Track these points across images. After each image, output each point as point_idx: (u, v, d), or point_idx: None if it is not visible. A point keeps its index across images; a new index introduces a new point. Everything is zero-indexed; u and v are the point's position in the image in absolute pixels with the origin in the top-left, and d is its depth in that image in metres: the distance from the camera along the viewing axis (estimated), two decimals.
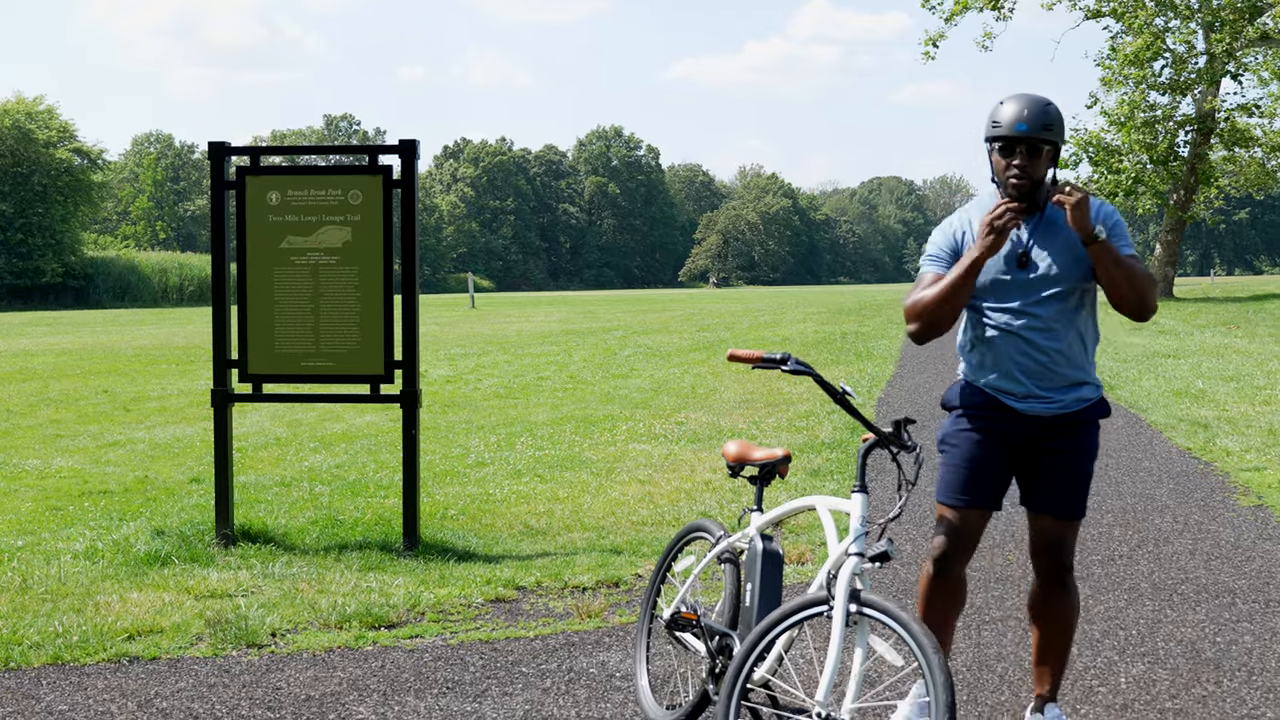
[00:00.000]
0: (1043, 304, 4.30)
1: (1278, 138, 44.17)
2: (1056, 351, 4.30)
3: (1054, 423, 4.36)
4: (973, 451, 4.39)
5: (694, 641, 4.62)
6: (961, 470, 4.39)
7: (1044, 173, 4.28)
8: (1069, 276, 4.30)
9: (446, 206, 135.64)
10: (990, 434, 4.38)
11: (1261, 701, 4.91)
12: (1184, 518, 8.22)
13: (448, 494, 9.50)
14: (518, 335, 30.60)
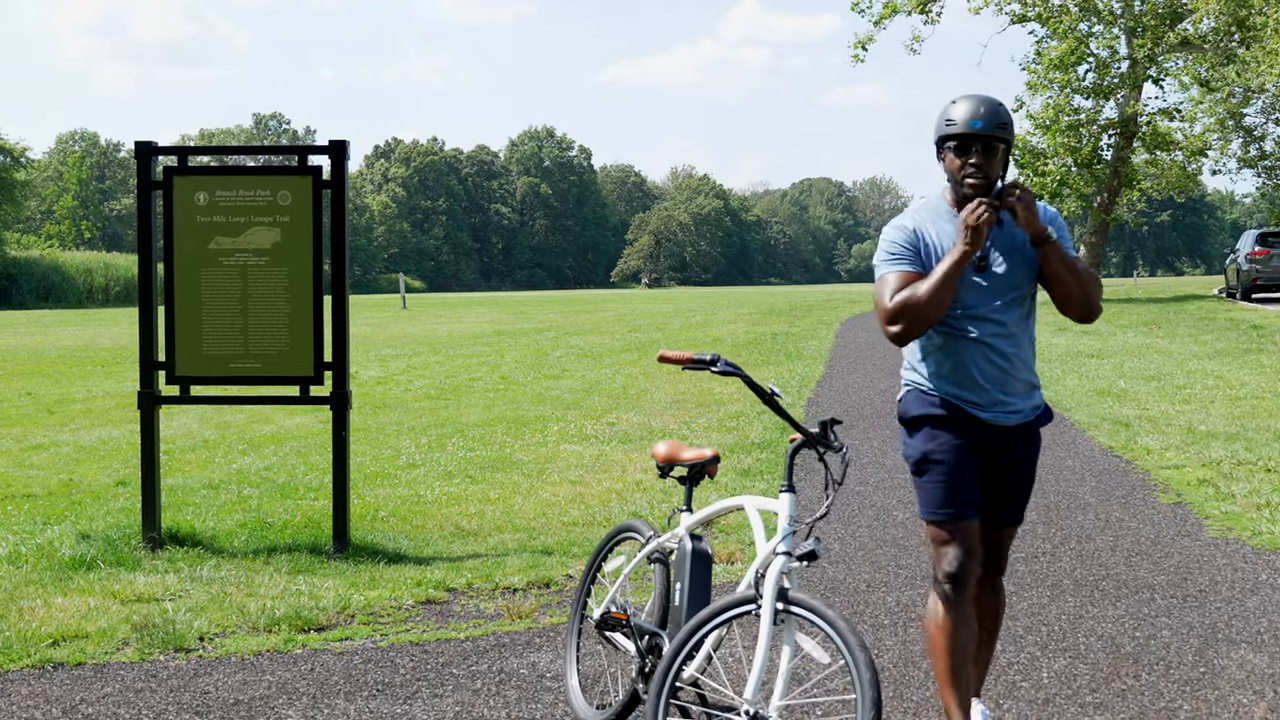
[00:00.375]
0: (1004, 308, 4.26)
1: (1198, 141, 44.99)
2: (1016, 356, 4.28)
3: (1016, 432, 4.34)
4: (958, 463, 4.28)
5: (624, 641, 4.65)
6: (953, 484, 4.27)
7: (999, 172, 4.26)
8: (1024, 280, 4.29)
9: (377, 206, 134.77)
10: (963, 441, 4.30)
11: (1178, 694, 5.03)
12: (1105, 515, 8.37)
13: (378, 496, 9.47)
14: (449, 336, 30.48)
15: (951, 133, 4.20)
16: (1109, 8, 40.56)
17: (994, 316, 4.24)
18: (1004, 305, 4.26)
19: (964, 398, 4.29)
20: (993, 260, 4.26)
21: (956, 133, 4.19)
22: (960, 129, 4.18)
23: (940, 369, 4.32)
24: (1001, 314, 4.25)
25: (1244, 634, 5.76)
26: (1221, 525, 7.95)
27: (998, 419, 4.29)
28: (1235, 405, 13.52)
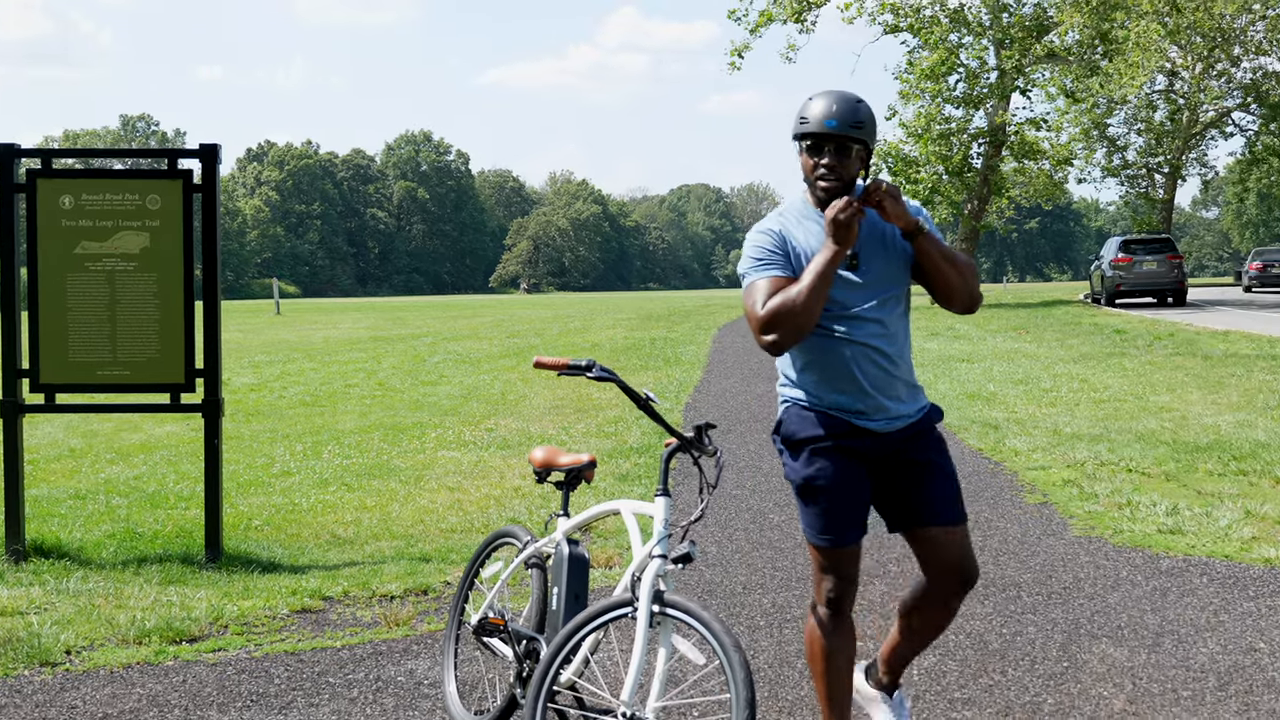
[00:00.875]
0: (881, 307, 4.06)
1: (1064, 151, 46.28)
2: (899, 357, 4.11)
3: (907, 434, 4.14)
4: (841, 488, 4.10)
5: (501, 646, 4.66)
6: (835, 510, 4.10)
7: (854, 173, 4.04)
8: (897, 278, 4.10)
9: (250, 210, 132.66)
10: (849, 462, 4.10)
11: (1043, 688, 5.17)
12: (975, 515, 8.55)
13: (252, 504, 9.34)
14: (324, 342, 30.11)
15: (804, 131, 4.00)
16: (978, 20, 41.53)
17: (872, 315, 4.04)
18: (881, 304, 4.06)
19: (847, 407, 4.08)
20: (865, 258, 4.07)
21: (809, 131, 3.98)
22: (813, 128, 3.97)
23: (820, 378, 4.10)
24: (879, 313, 4.05)
25: (1105, 629, 5.94)
26: (1085, 524, 8.18)
27: (885, 426, 4.10)
28: (1099, 408, 13.91)
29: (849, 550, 4.15)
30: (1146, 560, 7.21)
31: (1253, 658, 5.48)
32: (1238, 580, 6.73)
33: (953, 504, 4.18)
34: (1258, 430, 11.70)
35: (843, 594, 4.18)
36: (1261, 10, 46.98)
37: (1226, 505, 8.48)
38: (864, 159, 4.07)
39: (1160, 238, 40.02)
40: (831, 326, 4.05)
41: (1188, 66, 51.73)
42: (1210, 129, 55.94)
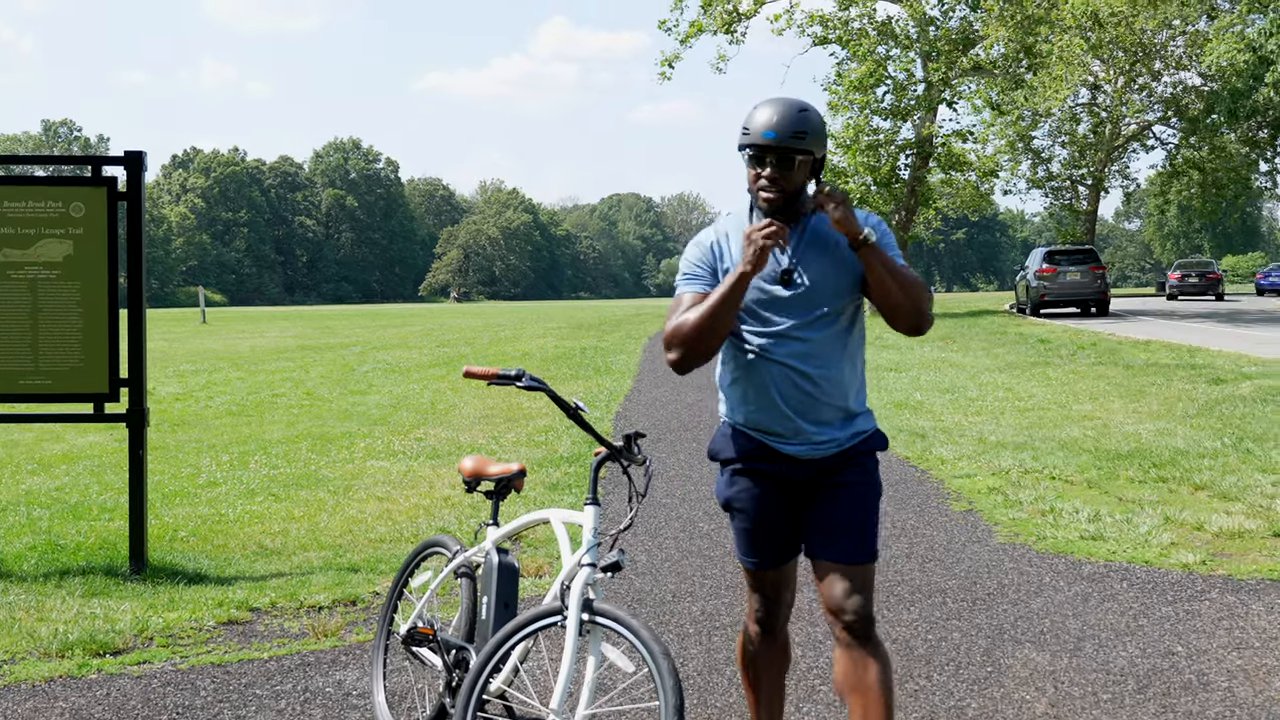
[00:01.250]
0: (810, 326, 3.83)
1: (990, 162, 46.80)
2: (825, 380, 3.85)
3: (827, 464, 3.91)
4: (761, 510, 3.98)
5: (431, 656, 4.65)
6: (754, 534, 4.00)
7: (799, 183, 3.82)
8: (838, 294, 3.85)
9: (175, 218, 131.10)
10: (768, 486, 3.95)
11: (967, 693, 5.24)
12: (902, 523, 8.65)
13: (177, 515, 9.24)
14: (251, 351, 29.82)
15: (746, 142, 3.80)
16: (905, 33, 41.96)
17: (797, 334, 3.82)
18: (810, 322, 3.82)
19: (766, 428, 3.90)
20: (801, 272, 3.84)
21: (749, 142, 3.79)
22: (754, 139, 3.77)
23: (742, 397, 3.94)
24: (807, 331, 3.82)
25: (1028, 634, 6.03)
26: (1009, 531, 8.29)
27: (805, 452, 3.88)
28: (1024, 416, 14.10)
29: (774, 573, 4.05)
30: (1069, 566, 7.33)
31: (1170, 661, 5.60)
32: (1156, 585, 6.86)
33: (855, 542, 3.85)
34: (1177, 438, 11.92)
35: (770, 614, 4.11)
36: (1181, 26, 47.94)
37: (1146, 512, 8.64)
38: (813, 169, 3.84)
39: (1084, 249, 40.65)
40: (756, 344, 3.86)
41: (1110, 80, 52.64)
42: (1132, 142, 56.91)
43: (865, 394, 4.03)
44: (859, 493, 3.90)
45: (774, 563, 4.03)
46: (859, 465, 3.93)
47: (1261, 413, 13.38)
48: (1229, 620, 6.18)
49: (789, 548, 4.03)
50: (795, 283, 3.84)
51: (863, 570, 3.85)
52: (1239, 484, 9.46)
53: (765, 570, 4.04)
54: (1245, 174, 55.38)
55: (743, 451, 3.97)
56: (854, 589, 3.81)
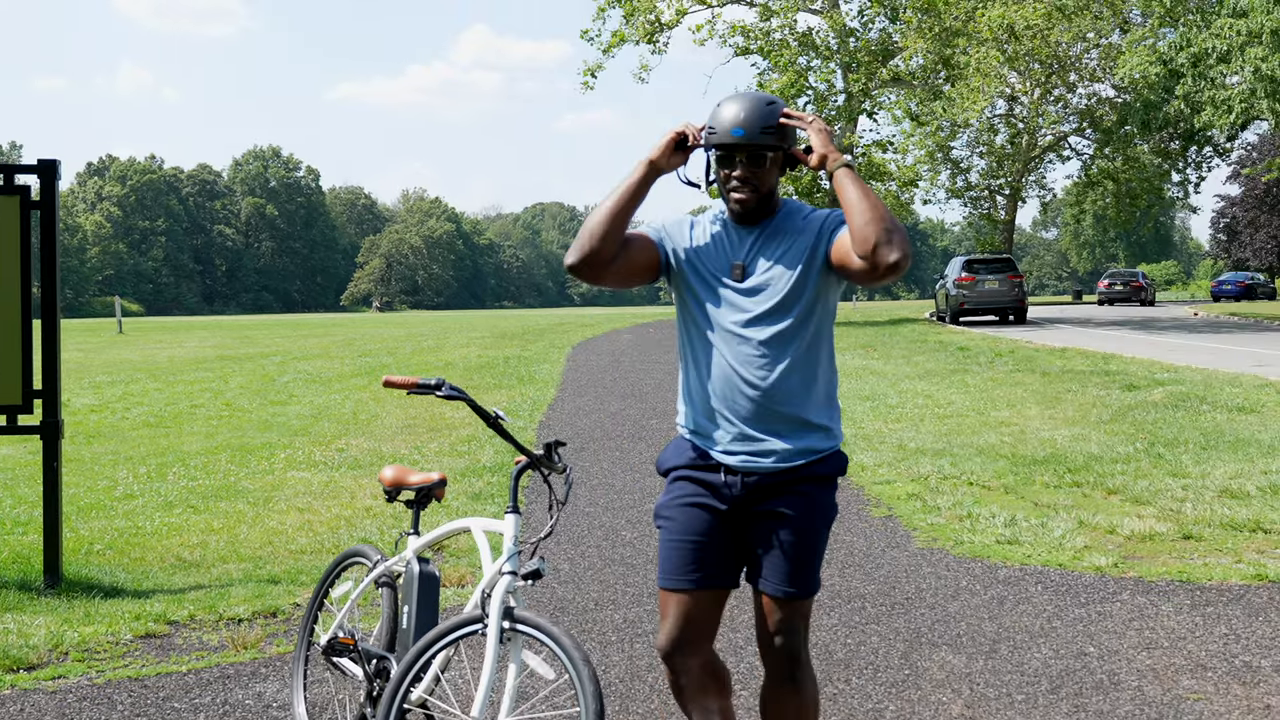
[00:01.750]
0: (759, 324, 3.61)
1: (910, 172, 47.33)
2: (775, 386, 3.61)
3: (768, 482, 3.65)
4: (691, 523, 3.70)
5: (352, 666, 4.63)
6: (683, 547, 3.70)
7: (771, 182, 3.66)
8: (796, 293, 3.62)
9: (91, 227, 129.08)
10: (702, 495, 3.70)
11: (885, 696, 5.31)
12: None
13: (93, 528, 9.11)
14: (169, 361, 29.43)
15: (713, 140, 3.63)
16: (825, 43, 42.35)
17: (747, 335, 3.61)
18: (760, 321, 3.61)
19: (707, 433, 3.70)
20: (754, 267, 3.64)
21: (718, 141, 3.62)
22: (721, 138, 3.61)
23: (692, 399, 3.74)
24: (755, 330, 3.61)
25: (945, 637, 6.13)
26: (928, 536, 8.41)
27: (744, 463, 3.64)
28: (943, 423, 14.29)
29: (689, 596, 3.70)
30: (985, 570, 7.45)
31: (1083, 661, 5.71)
32: (1070, 588, 6.99)
33: (791, 575, 3.64)
34: (1091, 443, 12.14)
35: (674, 646, 3.73)
36: (1095, 40, 48.79)
37: (1061, 516, 8.80)
38: (785, 165, 3.71)
39: (1002, 258, 41.23)
40: (704, 341, 3.68)
41: (1026, 92, 53.45)
42: (1048, 152, 57.79)
43: (833, 410, 3.73)
44: (801, 523, 3.64)
45: (693, 584, 3.69)
46: (804, 493, 3.66)
47: (1172, 418, 13.66)
48: (1139, 621, 6.32)
49: (716, 573, 3.71)
50: (747, 277, 3.64)
51: (796, 605, 3.66)
52: (1150, 488, 9.66)
53: (680, 592, 3.71)
54: (1158, 184, 56.47)
55: (686, 459, 3.75)
56: (783, 625, 3.65)
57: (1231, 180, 71.78)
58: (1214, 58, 33.49)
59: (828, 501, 3.71)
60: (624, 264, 3.70)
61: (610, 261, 3.65)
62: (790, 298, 3.62)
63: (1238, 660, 5.67)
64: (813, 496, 3.67)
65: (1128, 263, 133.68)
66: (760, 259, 3.65)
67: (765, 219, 3.71)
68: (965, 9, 38.68)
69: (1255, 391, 15.53)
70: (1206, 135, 51.05)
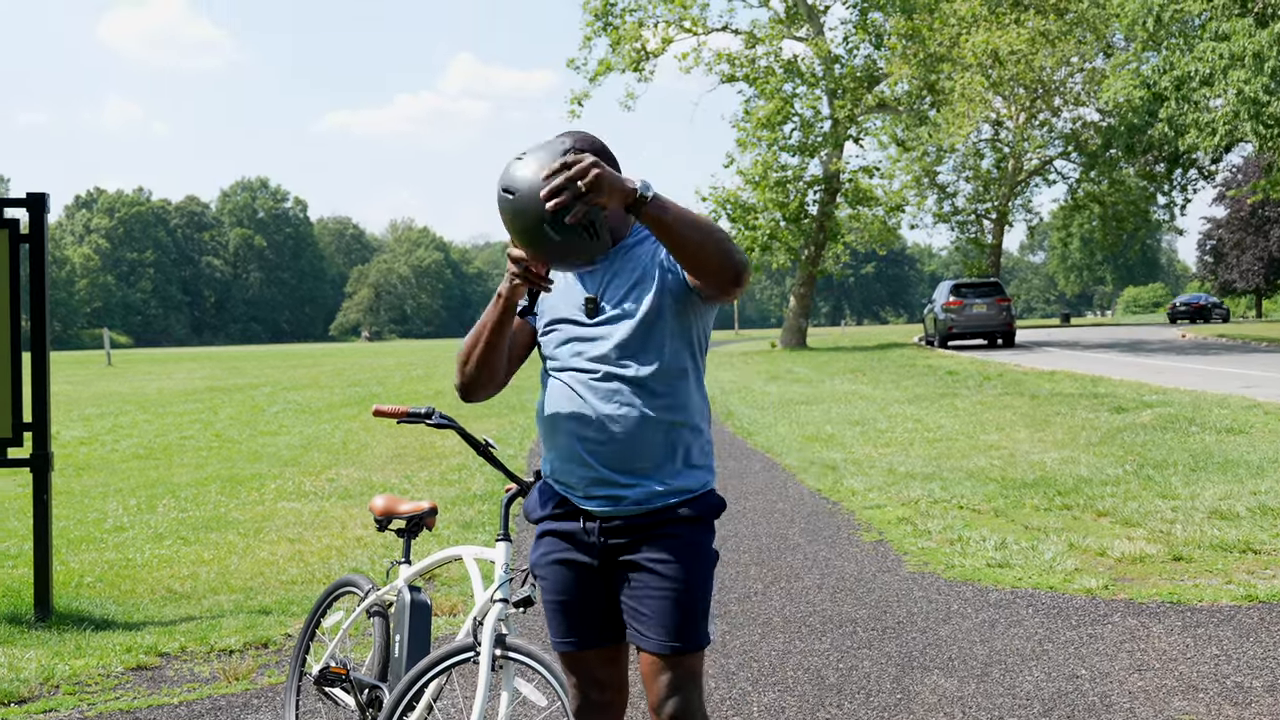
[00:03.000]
0: (618, 362, 3.29)
1: (896, 197, 47.56)
2: (631, 428, 3.28)
3: (636, 525, 3.33)
4: (563, 579, 3.42)
5: (344, 696, 4.63)
6: (559, 606, 3.44)
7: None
8: (648, 321, 3.28)
9: (79, 259, 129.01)
10: (570, 549, 3.40)
11: (877, 719, 5.32)
12: (813, 555, 8.75)
13: (83, 561, 9.09)
14: (159, 393, 29.39)
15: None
16: (811, 70, 42.59)
17: (603, 369, 3.30)
18: (617, 357, 3.29)
19: (566, 479, 3.38)
20: (607, 299, 3.33)
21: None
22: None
23: (549, 441, 3.43)
24: (614, 367, 3.28)
25: (936, 661, 6.13)
26: (918, 560, 8.41)
27: (606, 508, 3.33)
28: (932, 447, 14.31)
29: (590, 655, 3.46)
30: (976, 593, 7.46)
31: (1074, 684, 5.72)
32: (1061, 610, 7.00)
33: (664, 628, 3.28)
34: (1080, 466, 12.17)
35: (584, 705, 3.50)
36: (1079, 64, 49.11)
37: (1051, 539, 8.81)
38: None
39: (989, 281, 41.35)
40: (559, 380, 3.37)
41: (1011, 116, 53.72)
42: (1034, 176, 58.04)
43: (703, 446, 3.40)
44: (672, 570, 3.29)
45: (573, 646, 3.45)
46: (675, 535, 3.31)
47: (1161, 440, 13.70)
48: (1130, 643, 6.33)
49: (601, 629, 3.43)
50: (601, 312, 3.33)
51: (680, 662, 3.28)
52: (1140, 510, 9.68)
53: (580, 652, 3.45)
54: (1144, 207, 56.70)
55: (548, 508, 3.43)
56: (669, 685, 3.27)
57: (1217, 202, 72.17)
58: (1197, 81, 33.71)
59: (702, 544, 3.36)
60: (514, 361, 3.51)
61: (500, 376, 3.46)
62: (651, 332, 3.29)
63: (1229, 681, 5.69)
64: (685, 541, 3.32)
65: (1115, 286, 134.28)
66: (613, 290, 3.33)
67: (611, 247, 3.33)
68: (950, 35, 38.93)
69: (1244, 413, 15.58)
70: (1191, 158, 51.34)
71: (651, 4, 42.14)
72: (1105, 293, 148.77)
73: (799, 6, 43.55)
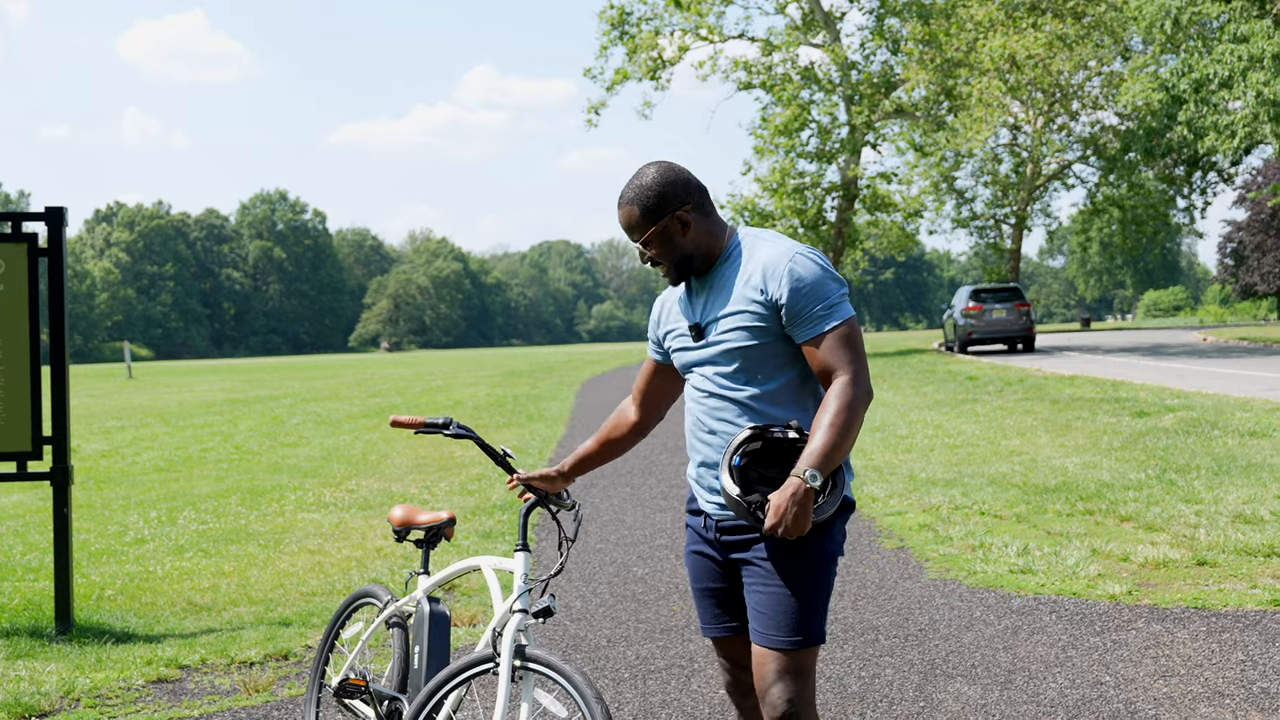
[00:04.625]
0: (718, 378, 3.60)
1: (915, 203, 47.39)
2: (733, 428, 3.57)
3: (739, 526, 3.62)
4: (697, 568, 3.79)
5: (364, 708, 4.61)
6: (699, 596, 3.81)
7: (681, 246, 3.61)
8: (744, 345, 3.53)
9: (100, 273, 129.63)
10: (699, 543, 3.78)
11: None
12: None
13: (104, 574, 9.10)
14: (179, 406, 29.47)
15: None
16: (828, 77, 42.54)
17: (707, 385, 3.65)
18: (718, 373, 3.62)
19: (693, 485, 3.77)
20: (706, 324, 3.65)
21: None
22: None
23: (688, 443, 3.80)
24: (715, 384, 3.62)
25: (959, 668, 6.09)
26: (940, 567, 8.37)
27: (714, 508, 3.68)
28: (953, 453, 14.25)
29: (724, 641, 3.81)
30: (999, 600, 7.41)
31: (1099, 690, 5.67)
32: (1084, 616, 6.95)
33: (773, 623, 3.50)
34: (1102, 471, 12.10)
35: (732, 682, 3.85)
36: (1097, 68, 48.94)
37: (1074, 544, 8.75)
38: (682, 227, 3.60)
39: (1009, 286, 41.19)
40: (687, 395, 3.79)
41: (1029, 121, 53.55)
42: (1053, 181, 57.85)
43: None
44: (779, 567, 3.50)
45: (715, 631, 3.80)
46: (774, 539, 3.52)
47: (1184, 444, 13.62)
48: (1155, 649, 6.28)
49: (728, 617, 3.76)
50: (704, 336, 3.63)
51: (786, 657, 3.48)
52: (1163, 514, 9.62)
53: (711, 638, 3.85)
54: (1163, 210, 56.44)
55: (690, 503, 3.83)
56: (777, 676, 3.47)
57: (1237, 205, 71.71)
58: (1216, 83, 33.56)
59: (815, 545, 3.51)
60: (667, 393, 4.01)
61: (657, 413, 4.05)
62: (745, 351, 3.54)
63: (1255, 687, 5.63)
64: (793, 543, 3.50)
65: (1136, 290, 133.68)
66: (711, 314, 3.62)
67: (705, 273, 3.67)
68: (966, 40, 38.84)
69: (1266, 415, 15.48)
70: (1210, 160, 51.13)
71: (668, 13, 42.15)
72: (1125, 297, 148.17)
73: (815, 13, 43.52)
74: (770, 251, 3.53)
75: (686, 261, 3.63)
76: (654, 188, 3.60)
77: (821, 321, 3.47)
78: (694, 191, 3.63)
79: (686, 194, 3.61)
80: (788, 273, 3.47)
